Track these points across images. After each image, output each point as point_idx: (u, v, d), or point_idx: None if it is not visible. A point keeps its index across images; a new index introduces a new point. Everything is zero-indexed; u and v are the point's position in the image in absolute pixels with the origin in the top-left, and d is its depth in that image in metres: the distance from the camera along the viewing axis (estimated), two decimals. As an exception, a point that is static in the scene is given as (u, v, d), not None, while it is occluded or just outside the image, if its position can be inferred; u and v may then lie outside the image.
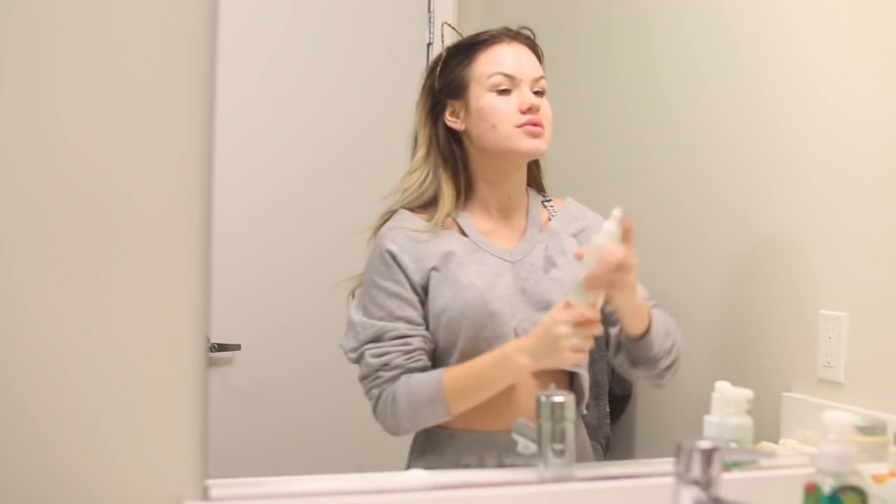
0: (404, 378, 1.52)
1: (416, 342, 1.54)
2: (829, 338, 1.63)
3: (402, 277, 1.56)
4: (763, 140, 1.78)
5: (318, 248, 2.27)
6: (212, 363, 1.48)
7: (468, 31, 1.68)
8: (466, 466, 1.55)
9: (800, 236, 1.71)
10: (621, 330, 1.55)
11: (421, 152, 1.63)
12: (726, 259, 1.86)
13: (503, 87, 1.58)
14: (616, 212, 1.43)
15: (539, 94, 1.60)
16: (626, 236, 1.43)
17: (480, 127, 1.59)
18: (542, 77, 1.61)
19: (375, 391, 1.54)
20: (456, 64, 1.63)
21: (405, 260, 1.57)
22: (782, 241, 1.74)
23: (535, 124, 1.57)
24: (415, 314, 1.55)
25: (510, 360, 1.49)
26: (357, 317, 1.57)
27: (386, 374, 1.53)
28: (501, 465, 1.53)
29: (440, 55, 1.66)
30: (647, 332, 1.52)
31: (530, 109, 1.57)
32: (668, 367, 1.57)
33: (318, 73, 2.33)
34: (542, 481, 1.30)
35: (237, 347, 2.18)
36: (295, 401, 2.24)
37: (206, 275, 1.17)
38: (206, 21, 1.17)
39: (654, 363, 1.55)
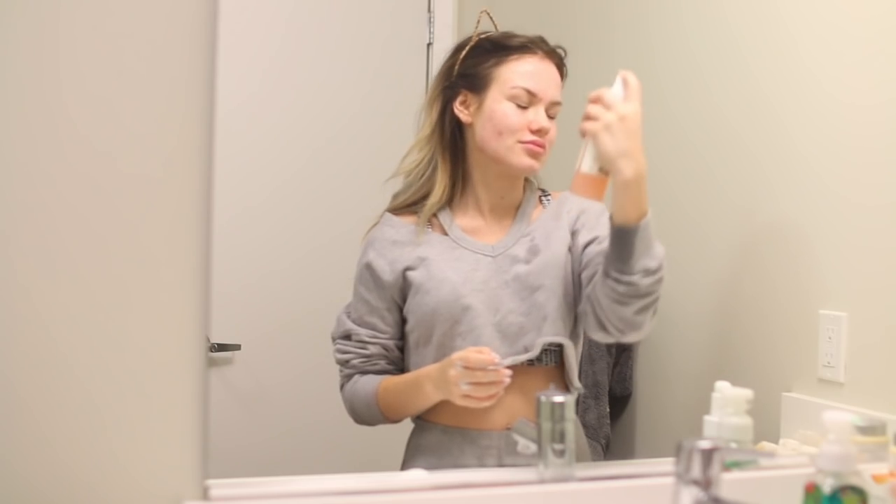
0: (356, 377, 1.63)
1: (374, 349, 1.62)
2: (829, 338, 1.63)
3: (372, 286, 1.62)
4: (763, 139, 1.78)
5: (318, 249, 2.27)
6: (212, 363, 1.48)
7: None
8: (459, 465, 1.55)
9: (800, 236, 1.71)
10: (611, 227, 1.45)
11: (425, 132, 1.64)
12: (726, 259, 1.86)
13: (521, 103, 1.58)
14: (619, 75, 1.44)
15: (551, 117, 1.60)
16: (627, 90, 1.42)
17: (486, 129, 1.59)
18: (559, 103, 1.61)
19: (340, 380, 1.67)
20: (483, 58, 1.61)
21: (380, 265, 1.61)
22: (782, 240, 1.74)
23: (538, 145, 1.58)
24: (379, 322, 1.62)
25: (420, 385, 1.55)
26: (342, 311, 1.67)
27: (345, 371, 1.65)
28: (484, 465, 1.54)
29: (470, 39, 1.64)
30: (636, 223, 1.42)
31: (539, 131, 1.57)
32: (638, 297, 1.44)
33: (319, 74, 2.33)
34: (542, 481, 1.30)
35: (237, 347, 2.19)
36: (295, 401, 2.24)
37: (206, 275, 1.18)
38: (207, 22, 1.17)
39: (625, 275, 1.42)
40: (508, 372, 1.47)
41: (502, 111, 1.58)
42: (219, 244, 1.19)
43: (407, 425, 1.67)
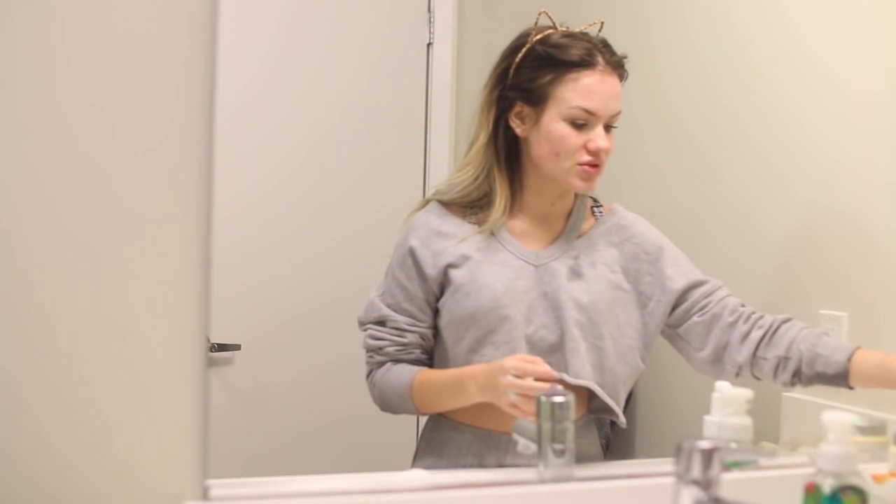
0: (389, 366, 1.60)
1: (411, 337, 1.59)
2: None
3: (414, 275, 1.58)
4: (762, 140, 1.78)
5: (318, 248, 2.28)
6: (212, 363, 1.48)
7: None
8: (467, 466, 1.55)
9: (800, 236, 1.71)
10: (843, 369, 1.50)
11: (480, 142, 1.59)
12: (726, 259, 1.86)
13: (580, 121, 1.53)
14: None
15: (610, 127, 1.56)
16: None
17: (543, 147, 1.56)
18: (619, 112, 1.57)
19: (367, 367, 1.63)
20: (540, 72, 1.55)
21: (423, 254, 1.58)
22: (782, 240, 1.74)
23: (594, 165, 1.55)
24: (417, 311, 1.59)
25: (464, 385, 1.52)
26: (374, 294, 1.63)
27: (377, 358, 1.61)
28: (501, 466, 1.54)
29: (526, 40, 1.57)
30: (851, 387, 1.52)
31: (597, 152, 1.54)
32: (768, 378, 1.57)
33: (319, 73, 2.33)
34: (542, 481, 1.30)
35: (237, 347, 2.19)
36: (295, 401, 2.25)
37: (206, 275, 1.17)
38: (207, 20, 1.17)
39: (799, 380, 1.54)
40: (560, 388, 1.39)
41: (559, 133, 1.54)
42: (219, 243, 1.19)
43: (408, 425, 1.67)
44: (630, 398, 2.04)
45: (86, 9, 1.13)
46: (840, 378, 1.49)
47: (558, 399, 1.30)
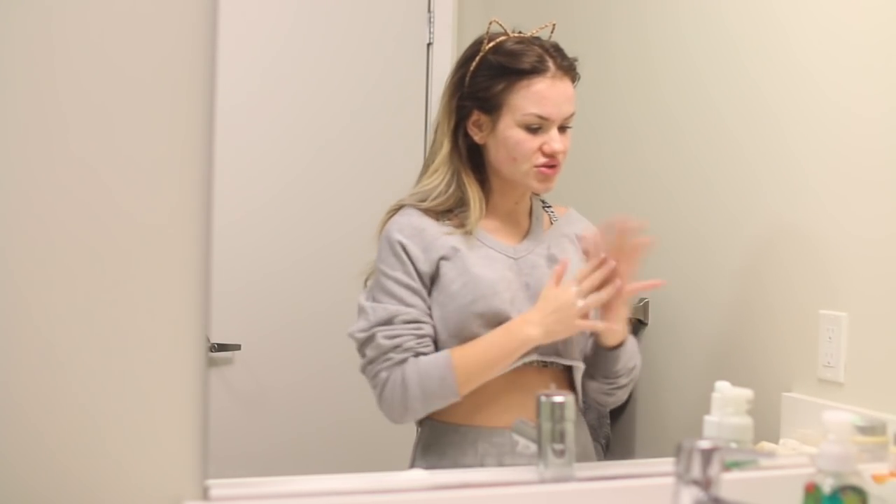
0: (412, 360, 1.55)
1: (427, 328, 1.57)
2: (829, 338, 1.63)
3: (411, 269, 1.59)
4: (762, 140, 1.78)
5: (319, 249, 2.28)
6: (212, 363, 1.48)
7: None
8: (468, 465, 1.56)
9: (800, 236, 1.71)
10: (592, 340, 1.65)
11: (444, 150, 1.63)
12: (726, 259, 1.86)
13: (534, 126, 1.58)
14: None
15: (565, 128, 1.61)
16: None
17: (501, 153, 1.61)
18: (573, 113, 1.61)
19: (384, 374, 1.55)
20: (493, 80, 1.60)
21: (414, 250, 1.59)
22: (782, 241, 1.74)
23: (551, 166, 1.60)
24: (423, 304, 1.58)
25: (517, 332, 1.55)
26: (366, 303, 1.59)
27: (397, 357, 1.55)
28: (502, 464, 1.55)
29: (479, 48, 1.62)
30: (620, 345, 1.63)
31: (553, 154, 1.59)
32: (622, 387, 1.67)
33: (319, 74, 2.33)
34: (542, 481, 1.30)
35: (237, 347, 2.19)
36: (295, 401, 2.24)
37: (206, 275, 1.17)
38: (206, 23, 1.17)
39: (613, 378, 1.64)
40: (613, 263, 1.56)
41: (515, 139, 1.59)
42: (219, 244, 1.19)
43: (408, 425, 1.66)
44: (630, 398, 2.04)
45: None
46: (608, 351, 1.64)
47: (558, 399, 1.30)
